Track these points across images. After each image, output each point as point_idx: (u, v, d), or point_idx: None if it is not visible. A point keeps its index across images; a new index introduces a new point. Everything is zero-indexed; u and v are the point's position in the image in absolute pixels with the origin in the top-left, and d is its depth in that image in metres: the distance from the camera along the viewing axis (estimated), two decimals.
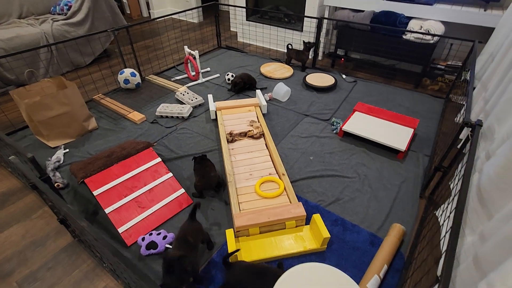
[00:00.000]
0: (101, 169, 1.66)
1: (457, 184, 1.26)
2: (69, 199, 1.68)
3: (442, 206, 1.43)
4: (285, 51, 3.69)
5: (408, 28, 2.70)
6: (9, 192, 1.78)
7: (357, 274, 1.32)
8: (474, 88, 1.95)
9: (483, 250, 0.81)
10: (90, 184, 1.58)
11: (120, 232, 1.46)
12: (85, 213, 1.60)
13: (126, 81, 2.66)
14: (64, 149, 2.02)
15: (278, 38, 3.68)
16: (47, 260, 1.42)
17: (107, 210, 1.51)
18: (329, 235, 1.34)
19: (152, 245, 1.40)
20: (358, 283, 1.26)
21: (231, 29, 4.45)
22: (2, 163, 1.95)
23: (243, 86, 2.70)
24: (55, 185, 1.71)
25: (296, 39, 3.51)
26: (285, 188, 1.64)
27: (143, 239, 1.42)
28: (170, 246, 1.42)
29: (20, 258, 1.43)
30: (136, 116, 2.35)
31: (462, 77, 2.33)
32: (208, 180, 1.64)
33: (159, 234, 1.44)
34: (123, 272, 1.06)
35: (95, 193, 1.55)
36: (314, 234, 1.42)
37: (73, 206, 1.64)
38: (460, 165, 1.44)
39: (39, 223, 1.60)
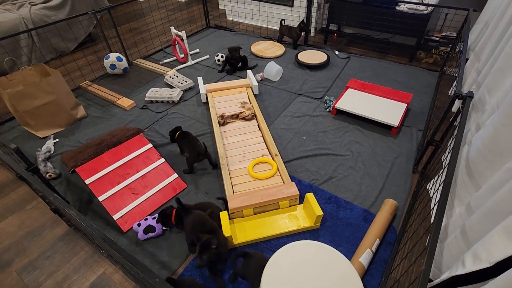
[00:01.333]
0: (91, 157, 1.64)
1: (447, 157, 1.26)
2: (62, 189, 1.68)
3: (433, 180, 1.44)
4: (276, 28, 3.58)
5: None
6: (1, 184, 1.76)
7: (351, 249, 1.35)
8: (467, 59, 1.92)
9: (470, 222, 0.82)
10: (81, 173, 1.57)
11: (115, 219, 1.47)
12: (79, 202, 1.60)
13: (113, 66, 2.58)
14: (54, 139, 1.99)
15: (268, 15, 3.55)
16: (45, 249, 1.44)
17: (100, 198, 1.50)
18: (322, 213, 1.35)
19: (149, 228, 1.41)
20: (351, 257, 1.30)
21: (220, 7, 4.28)
22: None
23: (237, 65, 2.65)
24: (47, 175, 1.70)
25: (287, 15, 3.39)
26: (278, 169, 1.65)
27: (138, 224, 1.43)
28: (167, 228, 1.45)
29: (18, 248, 1.44)
30: (125, 102, 2.30)
31: (457, 48, 2.28)
32: (199, 150, 1.66)
33: (154, 218, 1.45)
34: (118, 258, 1.08)
35: (87, 181, 1.54)
36: (308, 213, 1.44)
37: (66, 195, 1.64)
38: (451, 138, 1.44)
39: (34, 213, 1.60)
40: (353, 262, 1.24)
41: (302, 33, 2.93)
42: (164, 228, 1.45)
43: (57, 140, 1.99)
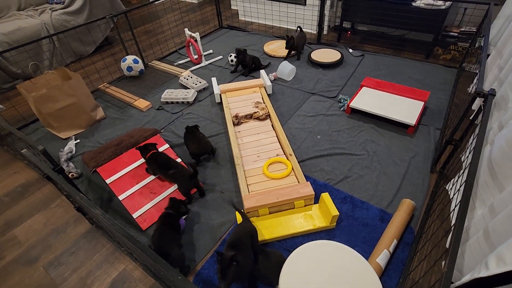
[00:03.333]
0: (111, 157, 1.70)
1: (468, 156, 1.23)
2: (84, 188, 1.74)
3: (452, 180, 1.41)
4: (289, 27, 3.57)
5: None
6: (28, 184, 1.85)
7: (367, 250, 1.34)
8: (488, 56, 1.85)
9: (494, 223, 0.80)
10: (102, 172, 1.63)
11: (134, 217, 1.51)
12: (100, 201, 1.66)
13: (129, 68, 2.65)
14: (75, 140, 2.07)
15: (280, 14, 3.54)
16: (69, 245, 1.50)
17: (120, 197, 1.56)
18: (337, 213, 1.35)
19: None
20: (367, 258, 1.29)
21: (232, 7, 4.31)
22: (18, 156, 2.02)
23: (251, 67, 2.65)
24: (70, 175, 1.77)
25: (299, 14, 3.38)
26: (292, 168, 1.65)
27: None
28: (187, 214, 1.53)
29: (44, 244, 1.51)
30: (141, 103, 2.36)
31: (477, 44, 2.21)
32: (204, 145, 1.77)
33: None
34: (139, 255, 1.12)
35: (108, 181, 1.60)
36: (323, 213, 1.44)
37: (88, 194, 1.70)
38: (471, 137, 1.40)
39: (58, 211, 1.67)
40: (370, 262, 1.23)
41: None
42: (184, 218, 1.50)
43: (78, 141, 2.07)
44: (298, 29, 2.82)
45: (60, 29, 2.85)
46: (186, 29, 2.76)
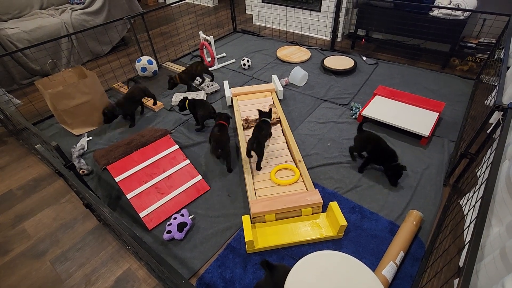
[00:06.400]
0: (122, 156, 1.71)
1: (484, 172, 1.19)
2: (94, 184, 1.76)
3: (467, 195, 1.36)
4: (303, 33, 3.56)
5: (435, 4, 2.51)
6: (40, 178, 1.89)
7: (375, 262, 1.31)
8: (508, 68, 1.80)
9: (511, 243, 0.76)
10: (112, 170, 1.64)
11: (141, 216, 1.52)
12: (108, 198, 1.68)
13: (144, 69, 2.69)
14: (88, 137, 2.10)
15: (295, 20, 3.55)
16: (76, 241, 1.52)
17: (128, 196, 1.57)
18: (346, 223, 1.32)
19: (182, 225, 1.46)
20: (374, 270, 1.25)
21: (247, 12, 4.34)
22: (32, 151, 2.07)
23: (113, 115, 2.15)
24: (80, 171, 1.80)
25: (314, 20, 3.37)
26: (301, 175, 1.63)
27: (168, 232, 1.44)
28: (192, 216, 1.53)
29: (52, 239, 1.54)
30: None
31: (496, 56, 2.15)
32: (210, 110, 2.03)
33: (182, 215, 1.50)
34: (144, 256, 1.12)
35: (117, 179, 1.61)
36: (331, 222, 1.41)
37: (97, 191, 1.72)
38: (489, 152, 1.35)
39: (68, 207, 1.69)
40: (376, 275, 1.20)
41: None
42: (191, 218, 1.51)
43: (91, 138, 2.10)
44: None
45: (79, 29, 2.92)
46: (200, 32, 2.80)
